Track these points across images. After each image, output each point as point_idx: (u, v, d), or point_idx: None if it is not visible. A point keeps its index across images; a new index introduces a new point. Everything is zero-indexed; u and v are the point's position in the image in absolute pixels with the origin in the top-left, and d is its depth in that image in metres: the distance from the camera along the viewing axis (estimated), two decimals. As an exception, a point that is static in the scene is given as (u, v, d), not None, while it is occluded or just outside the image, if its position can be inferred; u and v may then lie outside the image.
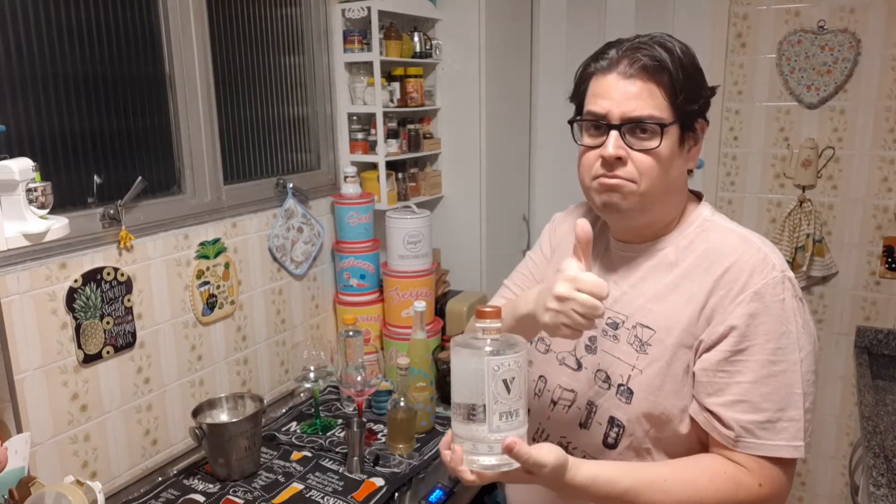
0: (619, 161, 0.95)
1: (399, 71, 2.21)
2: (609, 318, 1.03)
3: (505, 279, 1.27)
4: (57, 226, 1.17)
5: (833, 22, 2.29)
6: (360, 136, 2.20)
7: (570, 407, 1.06)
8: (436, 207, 2.48)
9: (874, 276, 2.37)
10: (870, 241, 2.36)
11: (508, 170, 2.62)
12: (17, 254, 1.31)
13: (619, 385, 0.99)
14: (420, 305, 1.79)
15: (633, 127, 0.94)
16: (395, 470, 1.57)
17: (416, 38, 2.26)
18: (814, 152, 2.37)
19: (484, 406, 0.82)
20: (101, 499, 1.24)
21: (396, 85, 2.20)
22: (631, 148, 0.95)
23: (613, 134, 0.95)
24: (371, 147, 2.19)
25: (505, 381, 0.82)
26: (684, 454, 0.97)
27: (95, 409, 1.50)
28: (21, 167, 1.11)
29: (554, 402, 1.08)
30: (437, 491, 1.48)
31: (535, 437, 1.10)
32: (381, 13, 2.06)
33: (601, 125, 0.96)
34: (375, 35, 2.05)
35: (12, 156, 1.13)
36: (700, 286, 0.96)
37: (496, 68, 2.40)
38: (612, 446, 1.00)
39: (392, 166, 2.24)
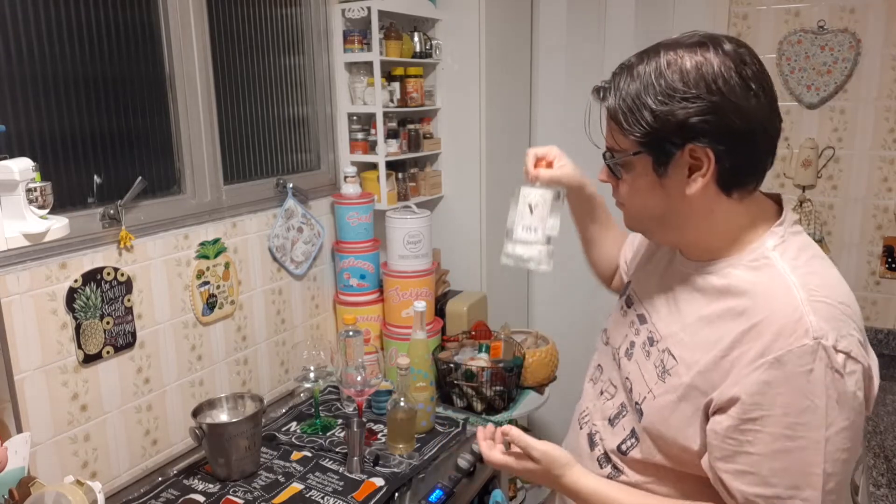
0: (613, 185, 0.99)
1: (399, 71, 2.21)
2: (650, 332, 1.01)
3: None
4: (57, 226, 1.17)
5: (833, 22, 2.29)
6: (360, 136, 2.19)
7: (609, 400, 1.07)
8: (436, 207, 2.48)
9: (874, 276, 2.37)
10: (870, 241, 2.36)
11: (508, 170, 2.62)
12: (17, 254, 1.31)
13: (636, 403, 0.99)
14: (420, 305, 1.78)
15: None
16: (395, 470, 1.57)
17: (416, 38, 2.26)
18: (814, 152, 2.37)
19: (514, 222, 1.11)
20: (101, 499, 1.25)
21: (396, 85, 2.20)
22: None
23: (605, 162, 0.99)
24: (371, 147, 2.19)
25: (529, 205, 1.11)
26: (694, 484, 0.94)
27: (95, 409, 1.50)
28: (21, 167, 1.11)
29: (601, 392, 1.10)
30: (437, 491, 1.48)
31: (579, 418, 1.14)
32: (381, 13, 2.06)
33: None
34: (375, 35, 2.05)
35: (12, 156, 1.14)
36: (728, 332, 0.86)
37: (496, 68, 2.40)
38: (624, 453, 1.00)
39: (392, 166, 2.24)
